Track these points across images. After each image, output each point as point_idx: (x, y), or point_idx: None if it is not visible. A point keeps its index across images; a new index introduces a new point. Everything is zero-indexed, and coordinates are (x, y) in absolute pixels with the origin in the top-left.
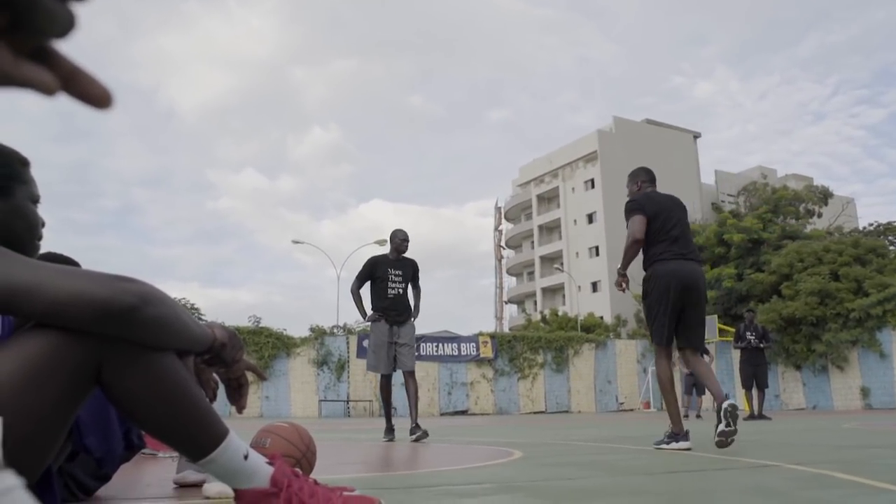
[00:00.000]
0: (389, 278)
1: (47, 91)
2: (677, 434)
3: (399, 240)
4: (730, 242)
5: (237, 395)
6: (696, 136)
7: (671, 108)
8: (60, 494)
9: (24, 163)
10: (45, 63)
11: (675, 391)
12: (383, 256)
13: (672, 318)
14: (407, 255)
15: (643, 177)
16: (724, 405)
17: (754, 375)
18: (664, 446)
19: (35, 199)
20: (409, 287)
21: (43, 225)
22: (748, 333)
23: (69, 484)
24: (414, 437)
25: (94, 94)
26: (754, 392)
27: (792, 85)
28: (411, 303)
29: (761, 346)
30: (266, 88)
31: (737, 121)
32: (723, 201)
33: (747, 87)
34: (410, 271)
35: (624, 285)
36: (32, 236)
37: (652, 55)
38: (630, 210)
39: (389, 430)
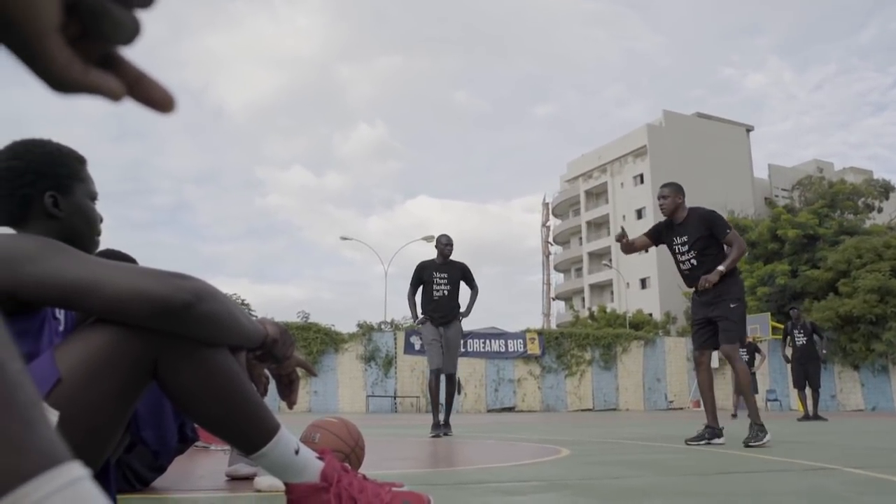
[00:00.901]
0: (434, 281)
1: (114, 97)
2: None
3: (442, 244)
4: (784, 238)
5: (288, 391)
6: (749, 129)
7: (722, 101)
8: (118, 485)
9: (82, 161)
10: (112, 69)
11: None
12: (430, 261)
13: None
14: (454, 257)
15: (683, 193)
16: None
17: (805, 375)
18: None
19: (93, 197)
20: (460, 288)
21: (101, 221)
22: (795, 331)
23: (127, 474)
24: (443, 433)
25: (157, 99)
26: (808, 392)
27: (850, 75)
28: (463, 304)
29: (810, 341)
30: (312, 86)
31: (791, 113)
32: (776, 196)
33: (801, 78)
34: (458, 274)
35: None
36: (92, 233)
37: (700, 47)
38: (726, 221)
39: (437, 426)
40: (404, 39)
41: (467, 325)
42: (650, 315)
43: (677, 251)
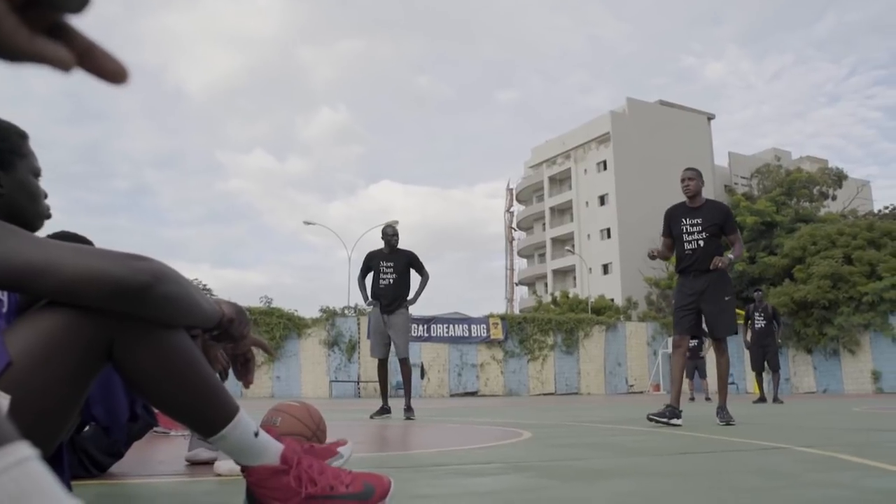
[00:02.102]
0: (382, 270)
1: (63, 67)
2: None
3: (388, 235)
4: (742, 225)
5: (244, 371)
6: (711, 117)
7: (683, 90)
8: (74, 471)
9: (23, 136)
10: (61, 39)
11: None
12: (378, 251)
13: None
14: (402, 246)
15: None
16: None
17: (764, 357)
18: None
19: (36, 173)
20: (410, 276)
21: (45, 197)
22: (756, 314)
23: (83, 460)
24: (405, 417)
25: (110, 70)
26: (765, 375)
27: (807, 65)
28: (412, 291)
29: (771, 327)
30: (273, 68)
31: (751, 102)
32: (736, 184)
33: (759, 68)
34: (404, 262)
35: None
36: (37, 209)
37: (663, 35)
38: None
39: (383, 410)
40: (367, 22)
41: (431, 310)
42: (612, 300)
43: (686, 231)
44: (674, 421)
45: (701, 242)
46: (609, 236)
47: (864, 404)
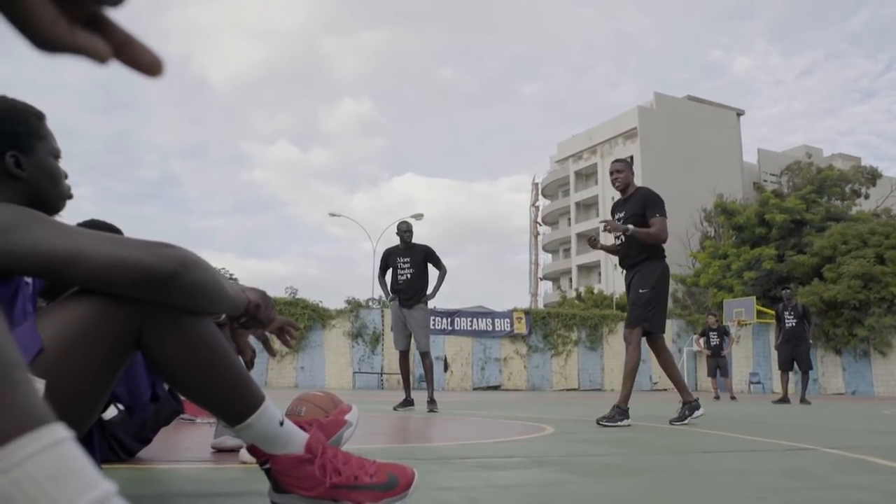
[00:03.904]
0: (399, 266)
1: (101, 59)
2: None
3: (401, 231)
4: (771, 223)
5: (283, 339)
6: (740, 113)
7: (710, 84)
8: (104, 455)
9: (41, 117)
10: (99, 31)
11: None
12: (395, 247)
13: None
14: (424, 241)
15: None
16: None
17: (793, 357)
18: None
19: (56, 154)
20: (427, 270)
21: (66, 177)
22: (786, 313)
23: (113, 445)
24: (428, 409)
25: (146, 62)
26: (791, 376)
27: (840, 60)
28: (430, 286)
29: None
30: (296, 59)
31: (780, 98)
32: (765, 181)
33: (789, 63)
34: (420, 257)
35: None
36: (59, 191)
37: (688, 29)
38: (664, 206)
39: (406, 402)
40: (389, 14)
41: (455, 303)
42: None
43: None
44: (623, 422)
45: (623, 238)
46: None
47: (894, 407)
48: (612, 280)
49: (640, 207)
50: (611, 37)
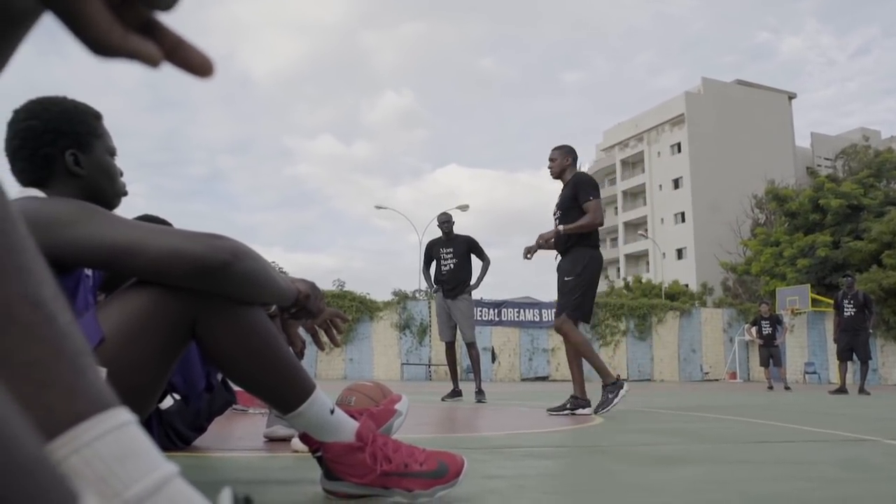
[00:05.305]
0: (442, 257)
1: (153, 63)
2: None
3: (441, 222)
4: (826, 208)
5: (330, 335)
6: (792, 96)
7: (758, 68)
8: (161, 442)
9: (98, 116)
10: (151, 35)
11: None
12: (437, 239)
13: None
14: (468, 232)
15: (574, 156)
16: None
17: (851, 346)
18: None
19: (112, 152)
20: (471, 260)
21: (122, 175)
22: (845, 302)
23: (169, 434)
24: (476, 400)
25: (196, 63)
26: (849, 365)
27: None
28: (474, 277)
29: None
30: (337, 53)
31: (834, 79)
32: (819, 165)
33: (842, 42)
34: (463, 248)
35: (531, 256)
36: (115, 188)
37: (734, 10)
38: (596, 189)
39: (454, 393)
40: (425, 5)
41: (502, 293)
42: (686, 286)
43: (554, 214)
44: (578, 411)
45: (557, 223)
46: (683, 220)
47: None
48: (661, 269)
49: (571, 192)
50: (653, 21)
